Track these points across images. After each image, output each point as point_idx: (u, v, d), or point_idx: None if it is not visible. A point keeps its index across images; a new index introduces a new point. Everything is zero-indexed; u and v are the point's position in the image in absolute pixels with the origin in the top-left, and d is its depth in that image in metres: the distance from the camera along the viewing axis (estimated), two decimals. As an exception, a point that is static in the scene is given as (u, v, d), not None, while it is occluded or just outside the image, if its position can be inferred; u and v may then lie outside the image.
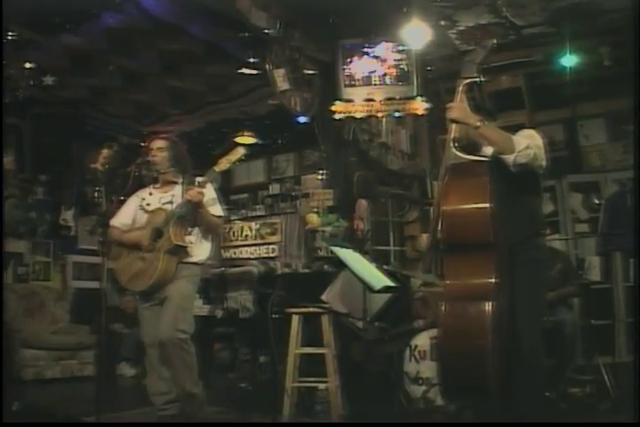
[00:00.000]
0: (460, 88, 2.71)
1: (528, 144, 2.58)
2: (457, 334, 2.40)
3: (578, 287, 4.48)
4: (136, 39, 5.47)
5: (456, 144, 2.69)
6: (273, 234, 7.38)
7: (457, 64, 2.94)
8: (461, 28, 5.73)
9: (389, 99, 5.71)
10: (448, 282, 2.50)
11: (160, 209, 3.63)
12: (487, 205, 2.48)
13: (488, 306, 2.37)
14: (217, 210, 3.69)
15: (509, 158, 2.57)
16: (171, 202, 3.65)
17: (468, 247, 2.49)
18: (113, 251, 3.61)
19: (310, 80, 5.76)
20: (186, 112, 7.31)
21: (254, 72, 5.77)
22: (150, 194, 3.77)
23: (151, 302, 3.57)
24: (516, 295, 2.53)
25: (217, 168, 3.56)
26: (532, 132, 2.73)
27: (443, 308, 2.46)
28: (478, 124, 2.62)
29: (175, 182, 3.73)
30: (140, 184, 3.83)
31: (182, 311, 3.50)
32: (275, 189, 7.91)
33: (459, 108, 2.68)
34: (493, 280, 2.42)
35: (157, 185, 3.79)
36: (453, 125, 2.70)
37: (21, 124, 6.91)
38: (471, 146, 2.76)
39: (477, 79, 2.72)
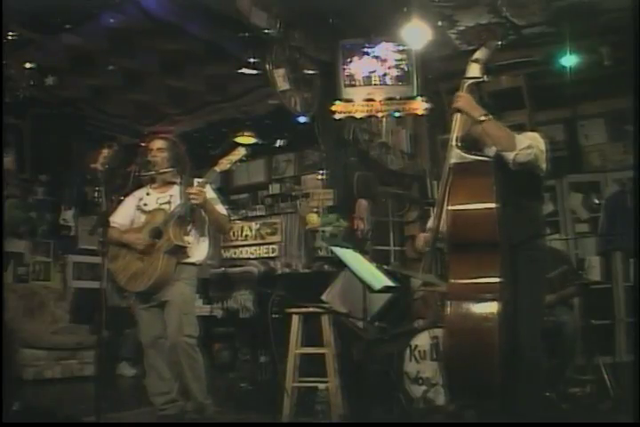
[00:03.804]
0: (464, 87, 2.69)
1: (530, 144, 2.57)
2: (462, 333, 2.38)
3: (578, 287, 4.47)
4: (136, 39, 5.46)
5: (459, 143, 2.68)
6: (273, 234, 7.38)
7: (457, 64, 2.93)
8: (461, 28, 5.74)
9: (389, 99, 5.72)
10: (453, 282, 2.48)
11: (159, 209, 3.63)
12: (493, 204, 2.46)
13: (493, 306, 2.35)
14: (221, 208, 3.70)
15: (509, 156, 2.55)
16: (169, 202, 3.64)
17: (474, 247, 2.47)
18: (111, 251, 3.60)
19: (310, 80, 5.76)
20: (186, 112, 7.29)
21: (254, 72, 5.76)
22: (148, 194, 3.75)
23: (149, 302, 3.56)
24: (516, 295, 2.53)
25: (217, 168, 3.55)
26: (535, 134, 2.71)
27: (447, 308, 2.44)
28: (482, 118, 2.59)
29: (173, 183, 3.72)
30: (140, 184, 3.83)
31: (186, 316, 3.49)
32: (275, 189, 7.90)
33: (466, 98, 2.66)
34: (499, 280, 2.41)
35: (155, 185, 3.78)
36: (457, 124, 2.67)
37: (21, 124, 6.91)
38: (474, 145, 2.74)
39: (482, 79, 2.70)
